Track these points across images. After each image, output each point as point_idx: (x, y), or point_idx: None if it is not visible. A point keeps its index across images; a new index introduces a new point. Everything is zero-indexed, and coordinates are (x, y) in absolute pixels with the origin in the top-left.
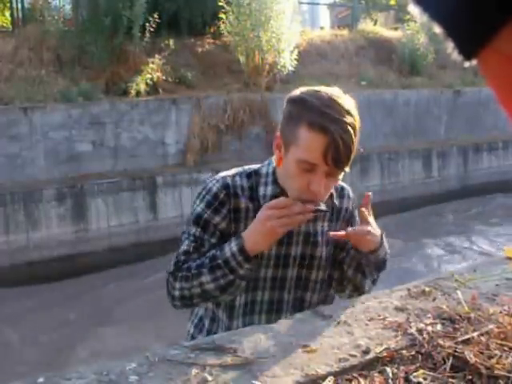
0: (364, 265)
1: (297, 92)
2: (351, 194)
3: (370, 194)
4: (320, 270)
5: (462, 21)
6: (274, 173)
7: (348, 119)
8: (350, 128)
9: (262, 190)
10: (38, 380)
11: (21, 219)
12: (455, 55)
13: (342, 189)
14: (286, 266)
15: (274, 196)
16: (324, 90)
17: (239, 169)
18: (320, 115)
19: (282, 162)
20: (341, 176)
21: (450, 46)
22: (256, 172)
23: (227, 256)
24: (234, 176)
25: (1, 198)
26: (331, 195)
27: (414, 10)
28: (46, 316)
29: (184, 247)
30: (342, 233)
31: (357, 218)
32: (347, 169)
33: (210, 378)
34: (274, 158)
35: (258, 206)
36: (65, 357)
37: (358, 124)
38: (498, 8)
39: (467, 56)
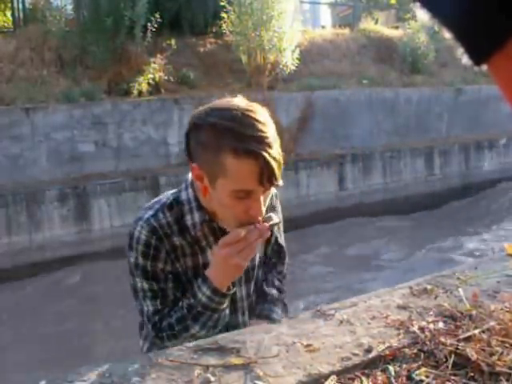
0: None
1: (200, 114)
2: (273, 189)
3: None
4: (259, 269)
5: (472, 27)
6: (195, 198)
7: (268, 132)
8: (273, 141)
9: (189, 220)
10: (40, 382)
11: (23, 220)
12: (465, 59)
13: None
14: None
15: (204, 222)
16: (230, 105)
17: (157, 204)
18: (241, 139)
19: (209, 193)
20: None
21: (460, 51)
22: (177, 201)
23: (204, 301)
24: (156, 215)
25: (3, 198)
26: None
27: (423, 14)
28: (47, 315)
29: (150, 308)
30: None
31: (279, 212)
32: (280, 182)
33: (212, 379)
34: (189, 179)
35: (190, 237)
36: (68, 356)
37: (275, 131)
38: (508, 16)
39: (478, 61)
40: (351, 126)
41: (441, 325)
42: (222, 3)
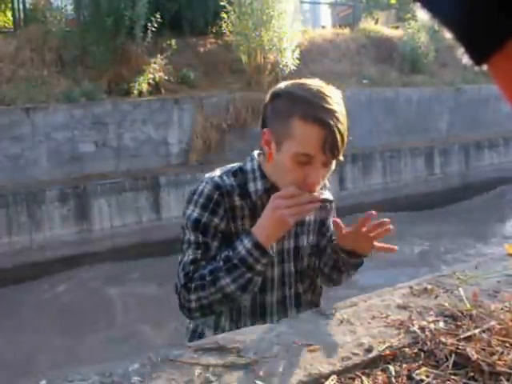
0: (341, 264)
1: (281, 86)
2: (328, 184)
3: (374, 213)
4: (305, 259)
5: (472, 27)
6: (259, 168)
7: (338, 108)
8: (342, 117)
9: (252, 186)
10: (40, 382)
11: (23, 220)
12: (466, 59)
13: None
14: (284, 261)
15: (266, 190)
16: (308, 81)
17: (223, 168)
18: (312, 107)
19: (273, 158)
20: (334, 165)
21: (460, 51)
22: (241, 169)
23: (242, 254)
24: (221, 176)
25: (3, 198)
26: None
27: (423, 15)
28: (47, 314)
29: (190, 256)
30: (346, 228)
31: (333, 209)
32: (341, 157)
33: (213, 379)
34: (255, 154)
35: (251, 202)
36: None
37: (345, 113)
38: (507, 16)
39: (478, 61)
40: (351, 126)
41: (441, 324)
42: (222, 3)
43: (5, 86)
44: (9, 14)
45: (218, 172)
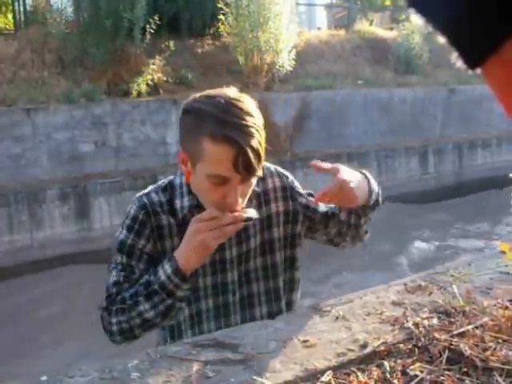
0: (355, 214)
1: (190, 100)
2: (279, 171)
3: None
4: (257, 258)
5: (466, 32)
6: (187, 183)
7: (250, 121)
8: (254, 131)
9: (178, 203)
10: (41, 378)
11: (24, 219)
12: (460, 63)
13: (271, 173)
14: (224, 271)
15: (192, 206)
16: (219, 93)
17: (154, 185)
18: (220, 124)
19: (191, 177)
20: (255, 179)
21: (454, 55)
22: (170, 184)
23: (162, 279)
24: (149, 193)
25: (5, 198)
26: None
27: (418, 19)
28: (47, 312)
29: (113, 278)
30: (319, 193)
31: (300, 190)
32: (260, 173)
33: (211, 374)
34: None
35: (181, 219)
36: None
37: (261, 123)
38: (501, 20)
39: (472, 65)
40: (347, 126)
41: (435, 321)
42: (219, 5)
43: (6, 86)
44: (9, 15)
45: (148, 189)
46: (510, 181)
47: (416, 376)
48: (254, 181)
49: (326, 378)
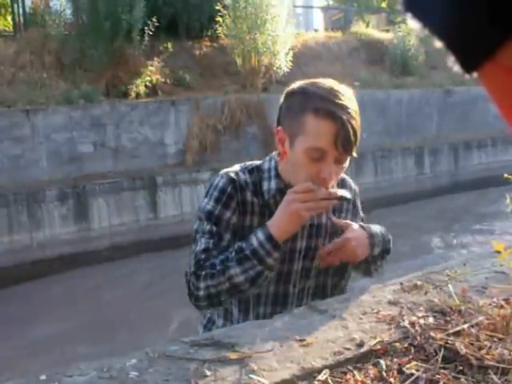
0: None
1: (294, 85)
2: (353, 185)
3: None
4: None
5: (463, 38)
6: (275, 168)
7: (351, 105)
8: (353, 113)
9: (265, 185)
10: (40, 377)
11: (24, 219)
12: (457, 68)
13: (343, 180)
14: (291, 261)
15: (279, 190)
16: (321, 80)
17: (241, 165)
18: (325, 102)
19: (287, 155)
20: (347, 162)
21: (451, 60)
22: (258, 168)
23: (255, 246)
24: (237, 172)
25: (4, 198)
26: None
27: (414, 24)
28: (47, 312)
29: (202, 245)
30: (326, 250)
31: (360, 209)
32: (354, 153)
33: (208, 373)
34: (274, 154)
35: (263, 200)
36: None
37: (358, 110)
38: (498, 25)
39: (469, 70)
40: None
41: (431, 320)
42: (217, 7)
43: (5, 88)
44: (9, 17)
45: (235, 168)
46: (506, 181)
47: (412, 374)
48: (346, 164)
49: (322, 376)
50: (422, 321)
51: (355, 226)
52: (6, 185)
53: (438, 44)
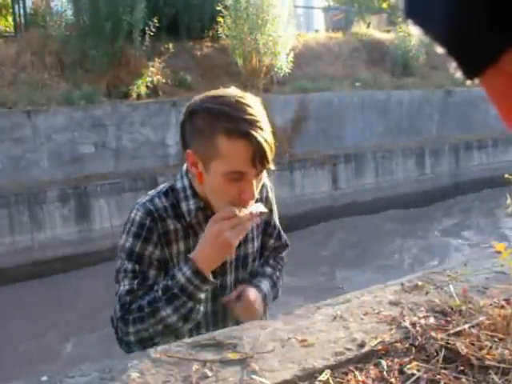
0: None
1: (195, 102)
2: (267, 182)
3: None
4: (249, 265)
5: (464, 44)
6: (190, 186)
7: (260, 117)
8: (265, 125)
9: (184, 206)
10: (41, 378)
11: (25, 220)
12: (459, 74)
13: None
14: (223, 274)
15: (199, 209)
16: (224, 93)
17: (154, 191)
18: (234, 121)
19: (204, 176)
20: (265, 173)
21: (453, 65)
22: (172, 189)
23: (182, 283)
24: (152, 199)
25: (6, 199)
26: None
27: (416, 31)
28: (50, 314)
29: (126, 287)
30: (234, 294)
31: (274, 203)
32: (272, 166)
33: (210, 374)
34: (184, 170)
35: (186, 222)
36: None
37: (266, 118)
38: (499, 31)
39: (471, 76)
40: (344, 127)
41: (432, 320)
42: (218, 8)
43: (6, 89)
44: (10, 18)
45: (150, 195)
46: (506, 181)
47: (413, 375)
48: (264, 174)
49: (323, 377)
50: (422, 321)
51: (252, 293)
52: (7, 185)
53: (440, 49)
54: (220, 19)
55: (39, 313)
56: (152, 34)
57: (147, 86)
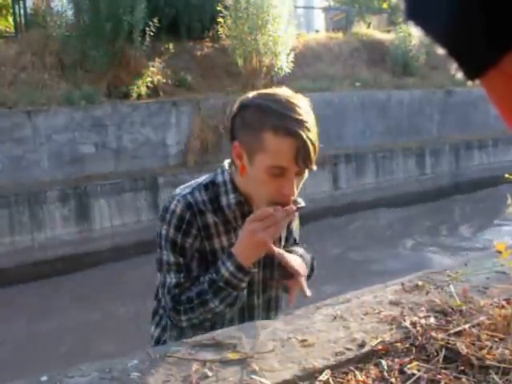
0: None
1: (248, 97)
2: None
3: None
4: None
5: (465, 46)
6: (231, 181)
7: (308, 118)
8: (312, 127)
9: (224, 200)
10: (41, 378)
11: (25, 220)
12: (459, 75)
13: None
14: (250, 294)
15: (238, 203)
16: (276, 91)
17: (193, 183)
18: (283, 119)
19: (246, 171)
20: (307, 174)
21: (454, 67)
22: (212, 183)
23: (226, 277)
24: (192, 192)
25: (6, 199)
26: None
27: (416, 32)
28: (51, 313)
29: (173, 280)
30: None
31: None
32: (314, 167)
33: (210, 374)
34: (226, 165)
35: (224, 217)
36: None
37: (314, 121)
38: (501, 33)
39: (472, 77)
40: (345, 127)
41: (432, 320)
42: (218, 8)
43: (6, 89)
44: (10, 18)
45: (189, 188)
46: (506, 181)
47: (413, 375)
48: (306, 174)
49: (324, 377)
50: (423, 321)
51: (297, 260)
52: (7, 186)
53: (441, 50)
54: (220, 19)
55: (39, 313)
56: (152, 34)
57: (147, 86)
